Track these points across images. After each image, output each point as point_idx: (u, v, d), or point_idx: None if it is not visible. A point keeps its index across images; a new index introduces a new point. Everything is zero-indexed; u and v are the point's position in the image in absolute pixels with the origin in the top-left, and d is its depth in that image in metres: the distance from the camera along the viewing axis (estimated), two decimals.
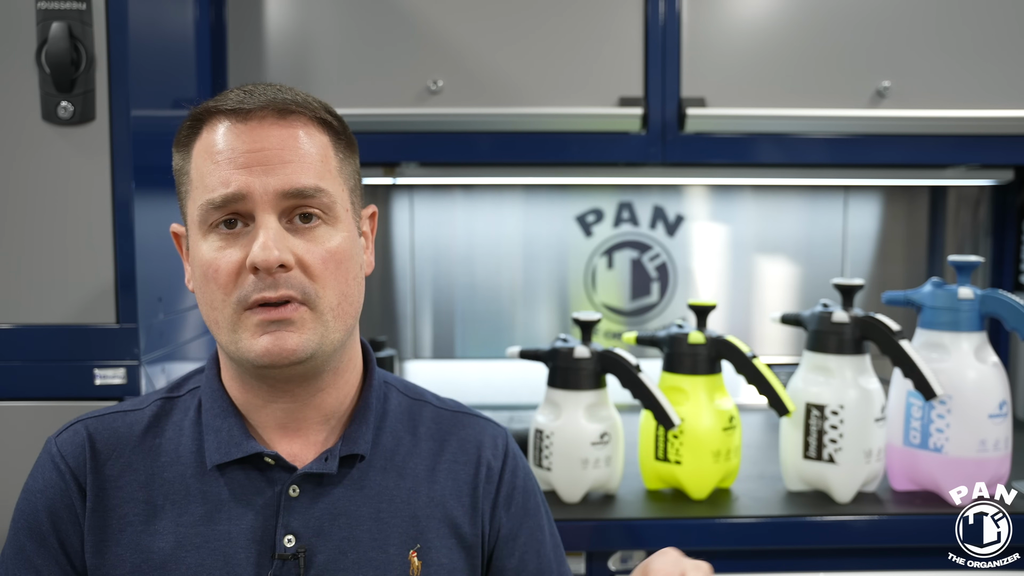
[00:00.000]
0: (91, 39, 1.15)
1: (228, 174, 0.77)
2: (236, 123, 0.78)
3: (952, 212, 2.02)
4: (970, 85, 1.59)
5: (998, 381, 1.32)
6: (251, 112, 0.78)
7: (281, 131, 0.78)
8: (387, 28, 1.59)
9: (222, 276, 0.77)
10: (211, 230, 0.79)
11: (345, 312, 0.81)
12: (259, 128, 0.78)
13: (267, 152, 0.77)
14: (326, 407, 0.85)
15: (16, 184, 1.17)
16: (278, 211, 0.77)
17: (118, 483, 0.82)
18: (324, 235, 0.80)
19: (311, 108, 0.81)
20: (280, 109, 0.79)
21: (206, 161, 0.79)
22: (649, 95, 1.60)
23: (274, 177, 0.77)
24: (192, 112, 0.82)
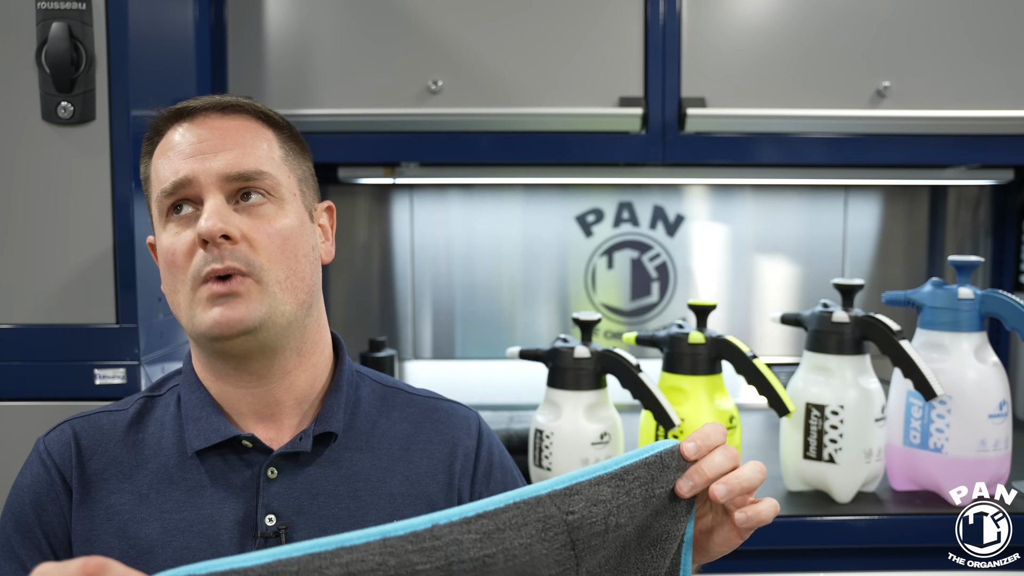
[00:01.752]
0: (91, 39, 1.15)
1: (176, 164, 0.83)
2: (184, 123, 0.85)
3: (952, 212, 2.02)
4: (970, 85, 1.59)
5: (998, 381, 1.32)
6: (195, 110, 0.85)
7: (224, 123, 0.85)
8: (387, 28, 1.59)
9: (179, 257, 0.82)
10: (168, 220, 0.84)
11: (295, 287, 0.84)
12: (204, 123, 0.85)
13: (211, 141, 0.83)
14: (297, 390, 0.88)
15: (16, 184, 1.17)
16: (223, 193, 0.82)
17: (103, 476, 0.85)
18: (269, 213, 0.84)
19: (253, 107, 0.88)
20: (223, 107, 0.86)
21: (160, 160, 0.85)
22: (649, 95, 1.60)
23: (216, 161, 0.82)
24: (149, 124, 0.88)
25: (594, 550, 0.67)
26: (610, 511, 0.67)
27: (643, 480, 0.69)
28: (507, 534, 0.63)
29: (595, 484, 0.67)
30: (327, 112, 1.57)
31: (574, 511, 0.66)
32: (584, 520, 0.66)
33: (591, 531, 0.67)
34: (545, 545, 0.65)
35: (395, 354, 1.85)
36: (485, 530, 0.63)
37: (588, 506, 0.67)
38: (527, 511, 0.65)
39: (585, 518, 0.66)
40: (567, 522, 0.66)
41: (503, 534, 0.63)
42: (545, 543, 0.65)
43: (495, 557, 0.63)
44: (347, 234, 2.00)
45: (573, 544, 0.66)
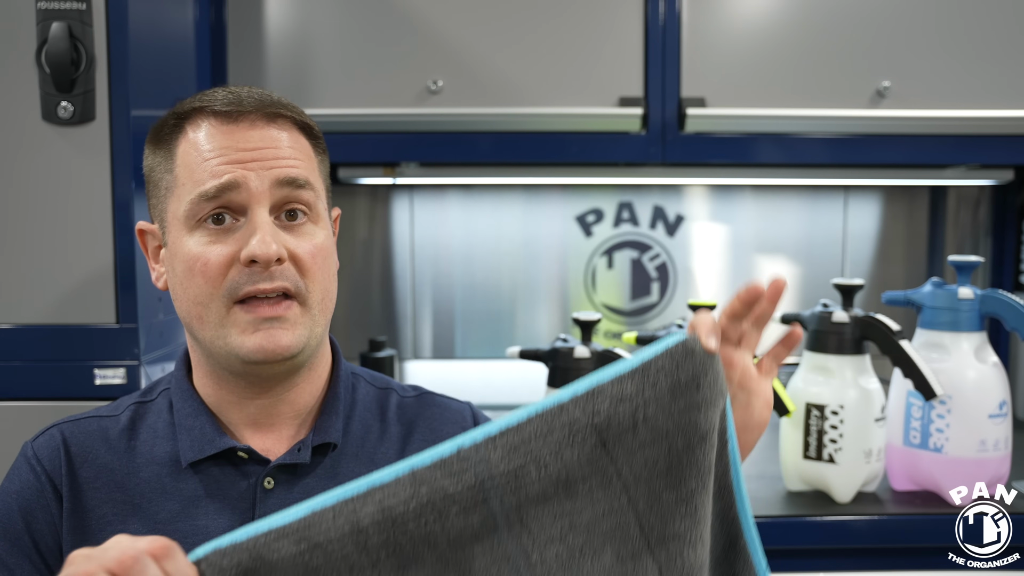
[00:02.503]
0: (91, 39, 1.15)
1: (222, 168, 0.78)
2: (226, 123, 0.80)
3: (952, 212, 2.02)
4: (970, 85, 1.59)
5: (998, 381, 1.32)
6: (242, 114, 0.80)
7: (271, 131, 0.81)
8: (387, 28, 1.59)
9: (212, 269, 0.78)
10: (199, 225, 0.79)
11: (327, 308, 0.84)
12: (250, 129, 0.80)
13: (260, 150, 0.80)
14: (299, 403, 0.86)
15: (16, 184, 1.17)
16: (270, 205, 0.79)
17: (94, 484, 0.83)
18: (310, 231, 0.82)
19: (296, 112, 0.84)
20: (269, 113, 0.82)
21: (195, 157, 0.79)
22: (649, 95, 1.60)
23: (269, 171, 0.79)
24: (176, 111, 0.83)
25: (630, 451, 0.65)
26: (636, 406, 0.64)
27: (667, 370, 0.65)
28: (533, 444, 0.62)
29: (618, 383, 0.65)
30: (327, 112, 1.57)
31: (600, 412, 0.64)
32: (611, 420, 0.64)
33: (620, 430, 0.64)
34: (575, 450, 0.63)
35: (395, 354, 1.85)
36: (511, 444, 0.62)
37: (613, 405, 0.64)
38: (550, 419, 0.63)
39: (612, 417, 0.64)
40: (594, 424, 0.64)
41: (529, 445, 0.62)
42: (575, 448, 0.63)
43: (526, 468, 0.62)
44: (347, 234, 2.00)
45: (604, 444, 0.64)
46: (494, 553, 0.62)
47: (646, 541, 0.66)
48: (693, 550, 0.67)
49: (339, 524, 0.58)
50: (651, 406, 0.64)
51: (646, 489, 0.66)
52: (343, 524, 0.58)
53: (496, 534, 0.62)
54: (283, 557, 0.57)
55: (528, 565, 0.63)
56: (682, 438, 0.66)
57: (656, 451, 0.65)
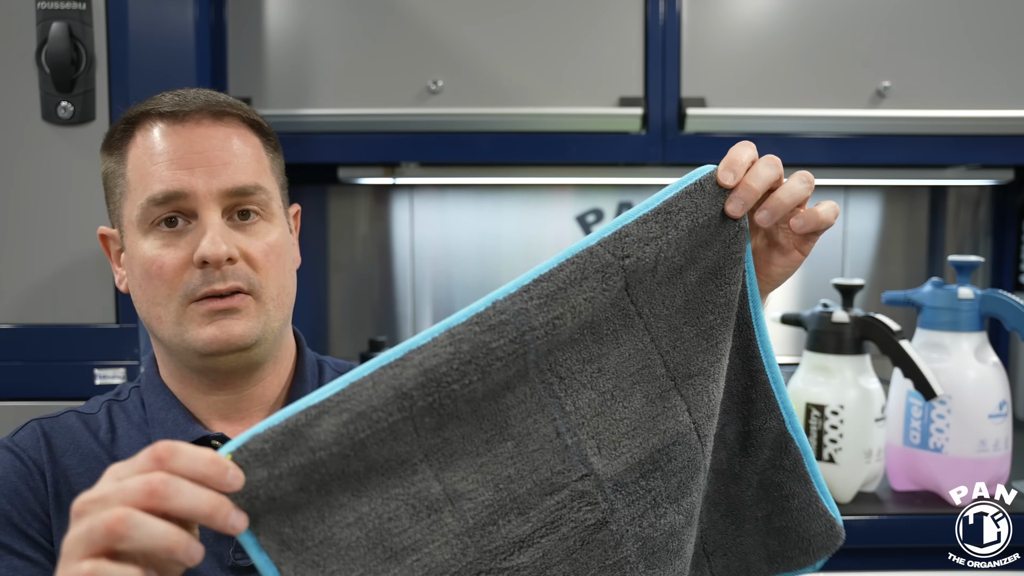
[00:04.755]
0: (91, 39, 1.15)
1: (169, 173, 0.79)
2: (172, 125, 0.81)
3: (952, 212, 2.02)
4: (970, 85, 1.59)
5: (998, 381, 1.32)
6: (188, 114, 0.81)
7: (217, 131, 0.81)
8: (387, 28, 1.59)
9: (167, 272, 0.79)
10: (152, 228, 0.80)
11: (283, 302, 0.84)
12: (196, 129, 0.81)
13: (207, 153, 0.80)
14: (266, 397, 0.87)
15: (16, 184, 1.17)
16: (220, 209, 0.80)
17: (78, 471, 0.83)
18: (263, 230, 0.82)
19: (243, 111, 0.85)
20: (215, 112, 0.82)
21: (145, 162, 0.80)
22: (649, 95, 1.60)
23: (216, 178, 0.79)
24: (125, 115, 0.84)
25: (648, 289, 0.65)
26: (660, 248, 0.64)
27: (688, 211, 0.65)
28: (570, 291, 0.61)
29: (642, 223, 0.64)
30: (327, 112, 1.57)
31: (629, 255, 0.63)
32: (639, 263, 0.64)
33: (643, 270, 0.64)
34: (607, 295, 0.63)
35: None
36: (546, 293, 0.61)
37: (640, 247, 0.63)
38: (583, 264, 0.62)
39: (640, 260, 0.63)
40: (624, 267, 0.63)
41: (566, 292, 0.61)
42: (607, 292, 0.63)
43: (563, 318, 0.61)
44: (347, 234, 2.00)
45: (627, 287, 0.64)
46: (527, 404, 0.62)
47: (672, 380, 0.66)
48: (716, 385, 0.68)
49: (381, 391, 0.56)
50: (672, 247, 0.64)
51: (666, 326, 0.66)
52: (385, 390, 0.56)
53: (527, 383, 0.61)
54: (326, 430, 0.54)
55: (563, 414, 0.63)
56: (694, 272, 0.66)
57: (672, 288, 0.66)
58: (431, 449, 0.58)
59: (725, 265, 0.67)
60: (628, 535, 0.64)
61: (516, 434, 0.61)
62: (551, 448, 0.62)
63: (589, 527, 0.63)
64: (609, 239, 0.63)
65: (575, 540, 0.62)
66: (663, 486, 0.66)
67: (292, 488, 0.53)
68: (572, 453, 0.63)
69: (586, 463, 0.63)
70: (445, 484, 0.59)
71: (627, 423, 0.65)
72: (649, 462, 0.65)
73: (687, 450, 0.67)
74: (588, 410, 0.63)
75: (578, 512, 0.62)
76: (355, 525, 0.56)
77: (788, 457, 0.72)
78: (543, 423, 0.62)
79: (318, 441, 0.54)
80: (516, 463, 0.61)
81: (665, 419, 0.66)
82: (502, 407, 0.61)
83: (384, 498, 0.57)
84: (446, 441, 0.59)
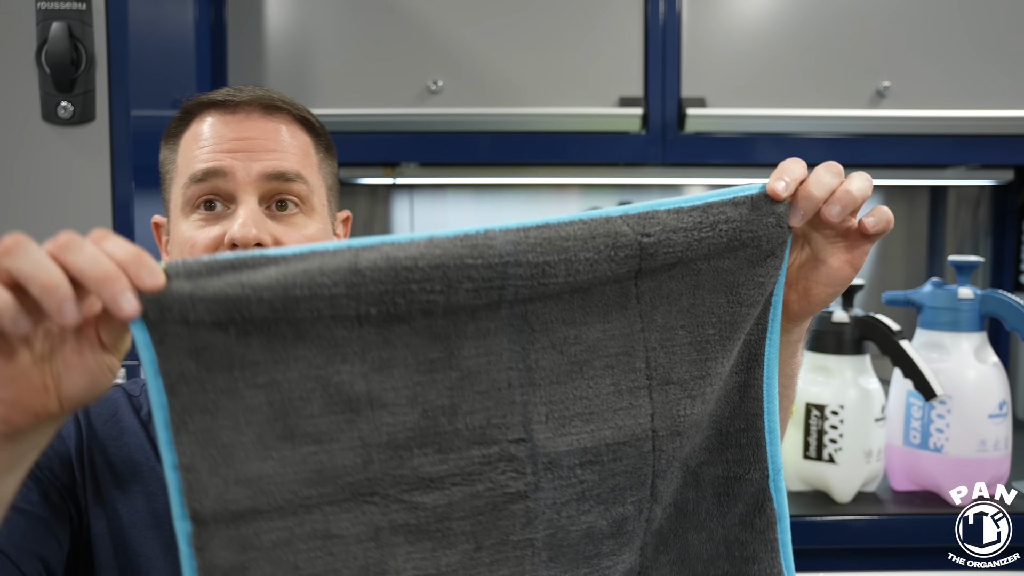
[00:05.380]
0: (91, 39, 1.15)
1: (212, 155, 0.80)
2: (223, 114, 0.82)
3: (952, 212, 2.02)
4: (970, 85, 1.59)
5: (998, 381, 1.32)
6: (239, 105, 0.82)
7: (267, 123, 0.82)
8: (387, 28, 1.59)
9: (198, 251, 0.79)
10: (192, 210, 0.81)
11: None
12: (246, 120, 0.82)
13: (252, 140, 0.81)
14: None
15: (16, 184, 1.17)
16: (258, 195, 0.80)
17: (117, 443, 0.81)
18: (300, 222, 0.82)
19: (295, 108, 0.85)
20: (266, 105, 0.83)
21: (192, 147, 0.82)
22: (649, 95, 1.60)
23: (257, 162, 0.80)
24: (182, 106, 0.85)
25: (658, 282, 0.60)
26: (690, 244, 0.58)
27: (731, 219, 0.59)
28: (571, 243, 0.56)
29: (674, 212, 0.58)
30: (327, 112, 1.55)
31: (650, 234, 0.57)
32: (660, 247, 0.58)
33: (664, 261, 0.58)
34: (612, 266, 0.57)
35: None
36: (546, 236, 0.55)
37: (666, 232, 0.58)
38: (595, 226, 0.56)
39: (662, 243, 0.57)
40: (641, 244, 0.57)
41: (567, 243, 0.55)
42: (613, 264, 0.57)
43: (556, 267, 0.55)
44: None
45: (639, 272, 0.58)
46: (488, 341, 0.56)
47: (648, 379, 0.61)
48: (692, 403, 0.62)
49: (335, 261, 0.51)
50: (703, 247, 0.59)
51: (662, 322, 0.61)
52: (340, 262, 0.51)
53: (495, 319, 0.56)
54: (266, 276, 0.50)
55: (522, 368, 0.57)
56: (710, 280, 0.61)
57: (682, 285, 0.60)
58: (369, 345, 0.53)
59: (744, 285, 0.61)
60: (543, 519, 0.59)
61: (465, 368, 0.56)
62: (497, 397, 0.57)
63: (507, 495, 0.57)
64: (632, 215, 0.58)
65: (487, 502, 0.57)
66: (597, 483, 0.60)
67: (210, 320, 0.50)
68: (517, 411, 0.57)
69: (527, 427, 0.58)
70: (372, 387, 0.54)
71: (585, 403, 0.59)
72: (593, 453, 0.59)
73: (636, 457, 0.61)
74: (550, 374, 0.58)
75: (501, 474, 0.57)
76: (263, 388, 0.52)
77: (762, 518, 0.66)
78: (498, 368, 0.57)
79: (253, 282, 0.50)
80: (454, 397, 0.56)
81: (627, 415, 0.60)
82: (459, 333, 0.55)
83: (303, 374, 0.53)
84: (387, 344, 0.54)
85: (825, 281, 0.67)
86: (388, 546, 0.55)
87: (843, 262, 0.66)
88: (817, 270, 0.67)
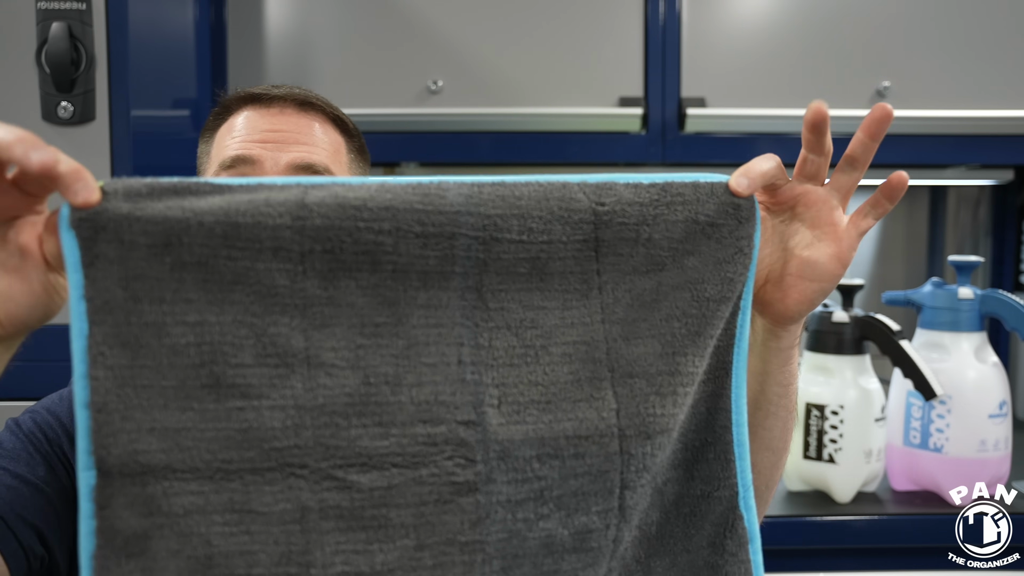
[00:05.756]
0: (91, 39, 1.15)
1: (243, 144, 0.82)
2: (258, 108, 0.84)
3: (952, 212, 2.02)
4: (970, 85, 1.59)
5: (998, 381, 1.32)
6: (273, 99, 0.84)
7: (299, 118, 0.84)
8: (387, 28, 1.59)
9: None
10: None
11: None
12: (279, 114, 0.83)
13: (283, 132, 0.82)
14: None
15: None
16: None
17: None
18: None
19: (330, 107, 0.87)
20: (301, 102, 0.85)
21: (225, 139, 0.84)
22: (649, 95, 1.60)
23: (286, 153, 0.81)
24: (220, 102, 0.87)
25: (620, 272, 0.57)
26: (645, 218, 0.56)
27: (688, 200, 0.57)
28: (524, 202, 0.53)
29: (633, 187, 0.56)
30: None
31: (605, 203, 0.55)
32: (615, 217, 0.55)
33: (620, 234, 0.56)
34: (567, 230, 0.54)
35: None
36: (500, 194, 0.53)
37: (621, 204, 0.55)
38: (550, 189, 0.54)
39: (616, 214, 0.55)
40: (595, 211, 0.55)
41: (520, 201, 0.53)
42: (568, 227, 0.54)
43: (508, 222, 0.53)
44: None
45: (597, 243, 0.56)
46: (439, 313, 0.53)
47: (610, 371, 0.56)
48: (660, 400, 0.57)
49: (283, 194, 0.49)
50: (659, 227, 0.56)
51: (624, 315, 0.57)
52: (287, 195, 0.49)
53: (448, 291, 0.53)
54: (210, 202, 0.48)
55: (474, 346, 0.54)
56: (674, 274, 0.58)
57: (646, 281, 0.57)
58: (311, 301, 0.50)
59: (709, 281, 0.58)
60: (495, 518, 0.53)
61: (414, 337, 0.52)
62: (446, 372, 0.53)
63: (454, 484, 0.52)
64: (590, 184, 0.56)
65: (431, 490, 0.52)
66: (557, 481, 0.54)
67: (145, 242, 0.47)
68: (468, 390, 0.53)
69: (479, 409, 0.53)
70: (310, 344, 0.50)
71: (541, 390, 0.54)
72: (551, 445, 0.54)
73: (601, 458, 0.55)
74: (503, 356, 0.54)
75: (448, 459, 0.52)
76: (192, 328, 0.48)
77: (733, 538, 0.61)
78: (448, 343, 0.53)
79: (196, 206, 0.47)
80: (400, 366, 0.52)
81: (588, 407, 0.55)
82: (409, 300, 0.52)
83: (238, 320, 0.49)
84: (331, 300, 0.51)
85: (809, 276, 0.64)
86: (315, 532, 0.50)
87: (829, 256, 0.64)
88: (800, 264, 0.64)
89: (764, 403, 0.71)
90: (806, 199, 0.66)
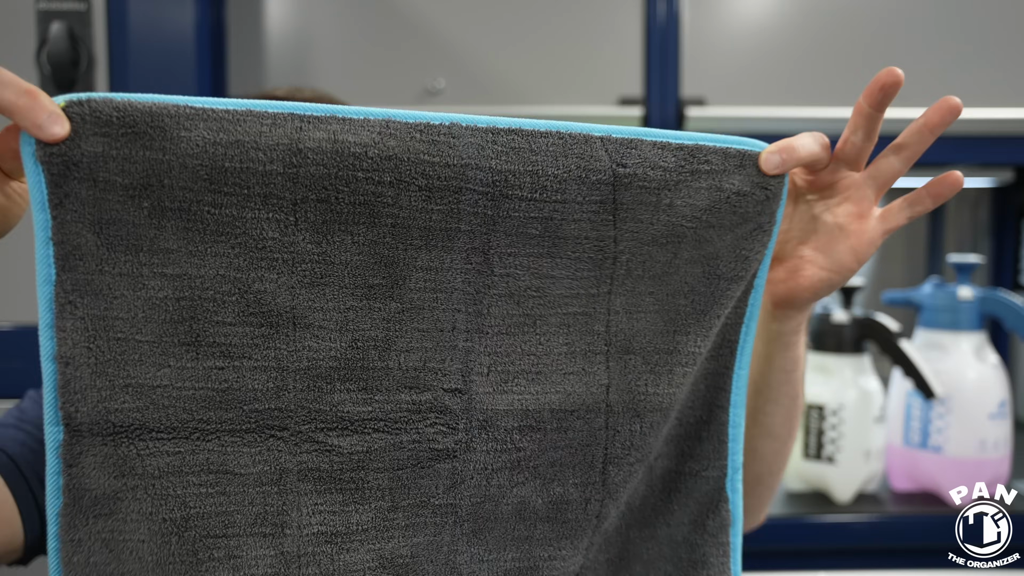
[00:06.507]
0: (91, 39, 1.15)
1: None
2: None
3: (952, 212, 2.02)
4: (970, 85, 1.59)
5: (998, 381, 1.32)
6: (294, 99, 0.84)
7: None
8: (387, 28, 1.59)
9: None
10: None
11: None
12: None
13: None
14: None
15: None
16: None
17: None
18: None
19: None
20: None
21: None
22: (649, 95, 1.60)
23: None
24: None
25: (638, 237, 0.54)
26: (667, 183, 0.53)
27: (716, 169, 0.54)
28: (540, 158, 0.50)
29: (658, 147, 0.53)
30: None
31: (627, 164, 0.52)
32: (635, 180, 0.52)
33: (639, 198, 0.53)
34: (583, 190, 0.51)
35: None
36: (514, 146, 0.50)
37: (644, 167, 0.52)
38: (571, 143, 0.51)
39: (637, 177, 0.52)
40: (615, 172, 0.52)
41: (535, 157, 0.50)
42: (584, 187, 0.51)
43: (520, 178, 0.50)
44: None
45: (615, 206, 0.53)
46: (438, 277, 0.50)
47: (606, 344, 0.55)
48: (654, 379, 0.56)
49: (274, 135, 0.45)
50: (681, 194, 0.53)
51: (631, 287, 0.55)
52: (279, 136, 0.45)
53: (450, 252, 0.50)
54: (193, 136, 0.43)
55: (472, 313, 0.51)
56: (689, 248, 0.55)
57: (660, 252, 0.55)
58: (302, 257, 0.47)
59: (724, 258, 0.55)
60: (469, 484, 0.52)
61: (409, 301, 0.50)
62: (438, 338, 0.51)
63: (433, 451, 0.51)
64: (614, 139, 0.52)
65: (410, 456, 0.51)
66: (536, 453, 0.54)
67: (122, 183, 0.43)
68: (458, 358, 0.51)
69: (467, 378, 0.52)
70: (297, 303, 0.47)
71: (532, 360, 0.53)
72: (535, 417, 0.53)
73: (585, 432, 0.55)
74: (500, 323, 0.52)
75: (429, 426, 0.51)
76: (171, 280, 0.45)
77: (715, 519, 0.60)
78: (444, 308, 0.51)
79: (179, 142, 0.43)
80: (390, 331, 0.50)
81: (578, 381, 0.54)
82: (409, 261, 0.49)
83: (221, 274, 0.46)
84: (324, 257, 0.48)
85: (821, 263, 0.61)
86: (292, 494, 0.49)
87: (847, 247, 0.61)
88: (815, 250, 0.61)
89: (765, 387, 0.70)
90: (841, 183, 0.63)
